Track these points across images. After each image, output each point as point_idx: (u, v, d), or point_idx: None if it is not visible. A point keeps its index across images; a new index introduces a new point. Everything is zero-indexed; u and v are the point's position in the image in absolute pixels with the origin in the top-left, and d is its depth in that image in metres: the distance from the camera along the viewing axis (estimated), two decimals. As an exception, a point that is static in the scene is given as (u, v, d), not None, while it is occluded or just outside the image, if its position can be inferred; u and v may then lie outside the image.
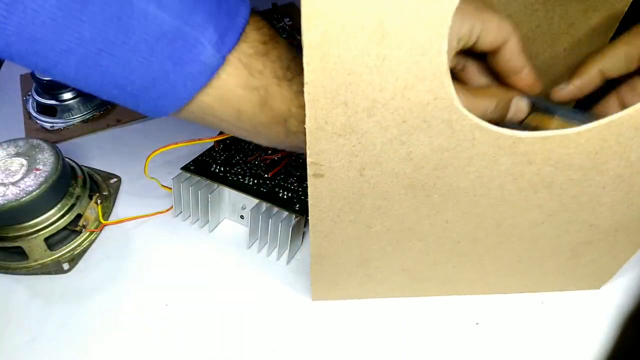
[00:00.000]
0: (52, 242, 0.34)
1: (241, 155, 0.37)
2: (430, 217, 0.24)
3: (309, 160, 0.20)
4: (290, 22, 0.56)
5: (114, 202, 0.39)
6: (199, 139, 0.35)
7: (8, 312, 0.31)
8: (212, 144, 0.38)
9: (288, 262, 0.34)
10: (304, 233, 0.35)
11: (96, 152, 0.43)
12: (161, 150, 0.34)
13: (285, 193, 0.34)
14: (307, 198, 0.22)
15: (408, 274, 0.29)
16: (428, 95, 0.17)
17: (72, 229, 0.35)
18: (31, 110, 0.47)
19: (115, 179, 0.40)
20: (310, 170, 0.21)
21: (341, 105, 0.18)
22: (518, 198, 0.23)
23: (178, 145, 0.34)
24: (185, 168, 0.36)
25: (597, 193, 0.23)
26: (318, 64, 0.16)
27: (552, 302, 0.31)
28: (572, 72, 0.25)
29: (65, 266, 0.34)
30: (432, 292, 0.31)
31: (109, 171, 0.41)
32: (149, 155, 0.34)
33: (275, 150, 0.38)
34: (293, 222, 0.32)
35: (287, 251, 0.34)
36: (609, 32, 0.29)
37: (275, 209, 0.33)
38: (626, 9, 0.28)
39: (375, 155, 0.20)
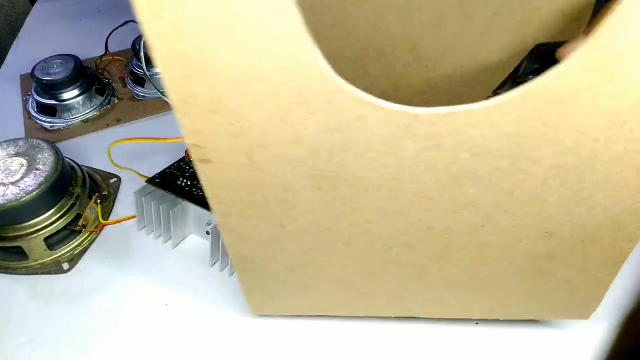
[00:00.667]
0: (52, 242, 0.34)
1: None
2: (347, 216, 0.21)
3: (187, 142, 0.18)
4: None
5: (114, 202, 0.39)
6: (172, 138, 0.35)
7: (8, 312, 0.31)
8: (184, 152, 0.36)
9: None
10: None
11: (96, 152, 0.43)
12: (123, 141, 0.35)
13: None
14: None
15: (346, 286, 0.26)
16: (291, 61, 0.15)
17: (72, 229, 0.35)
18: (31, 110, 0.47)
19: (115, 179, 0.40)
20: (193, 154, 0.19)
21: (199, 74, 0.15)
22: (440, 193, 0.20)
23: (144, 140, 0.34)
24: (151, 181, 0.35)
25: (538, 189, 0.19)
26: (158, 23, 0.14)
27: (552, 302, 0.31)
28: (588, 28, 0.23)
29: (65, 266, 0.34)
30: (383, 312, 0.28)
31: (109, 171, 0.41)
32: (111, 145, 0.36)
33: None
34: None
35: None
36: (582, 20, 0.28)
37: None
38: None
39: (259, 137, 0.18)
